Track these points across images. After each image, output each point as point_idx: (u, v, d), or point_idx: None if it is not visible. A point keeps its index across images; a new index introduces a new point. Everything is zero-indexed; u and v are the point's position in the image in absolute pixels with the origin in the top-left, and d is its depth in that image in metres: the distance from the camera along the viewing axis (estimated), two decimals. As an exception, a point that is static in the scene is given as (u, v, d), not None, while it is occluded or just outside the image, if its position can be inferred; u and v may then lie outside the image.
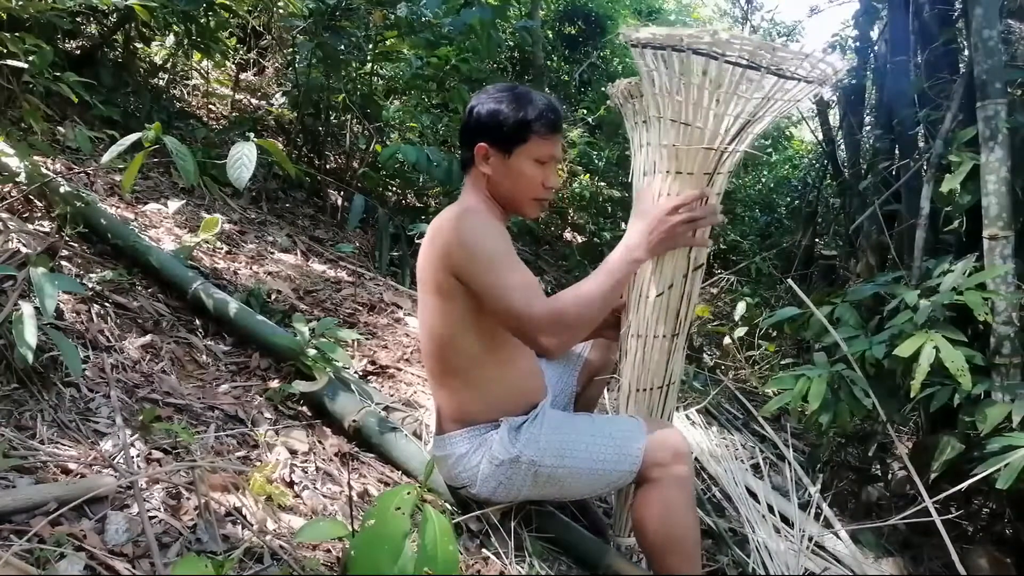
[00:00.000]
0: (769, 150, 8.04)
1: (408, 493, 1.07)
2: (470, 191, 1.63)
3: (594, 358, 1.94)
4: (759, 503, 2.11)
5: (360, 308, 2.88)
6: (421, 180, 4.36)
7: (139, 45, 4.28)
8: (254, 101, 5.06)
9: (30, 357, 1.48)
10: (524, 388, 1.66)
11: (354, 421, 1.92)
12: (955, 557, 1.76)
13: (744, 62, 1.35)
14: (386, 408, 2.03)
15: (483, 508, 1.70)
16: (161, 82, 4.42)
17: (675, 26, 1.56)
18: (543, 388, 1.74)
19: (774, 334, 4.08)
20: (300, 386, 1.97)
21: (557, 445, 1.55)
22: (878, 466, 2.73)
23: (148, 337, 2.01)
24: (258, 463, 1.65)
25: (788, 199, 7.01)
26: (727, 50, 1.33)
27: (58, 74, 2.45)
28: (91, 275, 2.12)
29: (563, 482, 1.57)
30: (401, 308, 3.02)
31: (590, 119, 5.85)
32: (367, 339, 2.60)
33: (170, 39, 4.26)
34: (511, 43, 4.98)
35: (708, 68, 1.36)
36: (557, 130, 1.57)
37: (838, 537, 2.07)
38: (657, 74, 1.43)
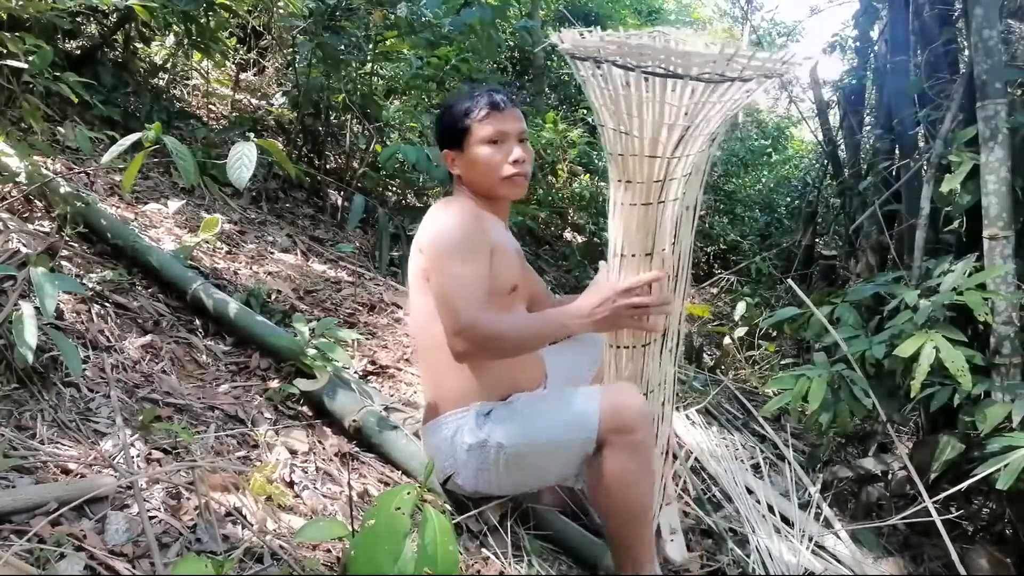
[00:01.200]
0: (769, 150, 8.04)
1: (408, 493, 1.07)
2: (455, 193, 1.75)
3: None
4: (759, 503, 2.11)
5: (360, 308, 2.88)
6: (421, 180, 4.36)
7: (139, 45, 4.28)
8: (254, 101, 5.06)
9: (30, 357, 1.48)
10: (509, 376, 1.66)
11: (354, 420, 1.92)
12: (955, 557, 1.76)
13: (661, 71, 1.30)
14: (386, 408, 2.03)
15: (481, 507, 1.70)
16: (161, 82, 4.42)
17: (638, 28, 1.53)
18: (538, 376, 1.74)
19: (774, 334, 4.08)
20: (301, 384, 1.97)
21: (520, 425, 1.57)
22: (878, 466, 2.73)
23: (148, 337, 2.01)
24: (258, 463, 1.65)
25: (788, 199, 7.02)
26: (639, 59, 1.31)
27: (58, 74, 2.45)
28: (91, 275, 2.12)
29: (531, 463, 1.58)
30: (401, 308, 3.02)
31: (590, 119, 5.85)
32: (367, 339, 2.60)
33: (170, 39, 4.26)
34: (511, 43, 4.98)
35: (627, 78, 1.32)
36: (496, 108, 1.63)
37: (838, 537, 2.07)
38: (593, 82, 1.38)
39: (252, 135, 1.98)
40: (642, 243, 1.47)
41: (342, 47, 3.77)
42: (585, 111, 6.17)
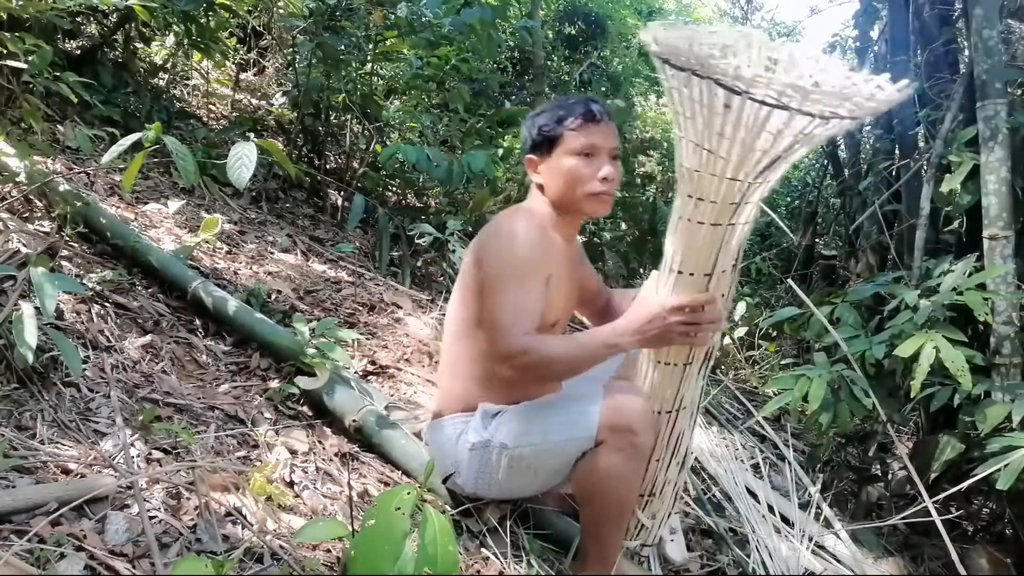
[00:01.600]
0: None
1: (408, 493, 1.07)
2: (528, 200, 1.67)
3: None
4: (759, 503, 2.11)
5: (360, 308, 2.88)
6: (421, 180, 4.35)
7: (139, 45, 4.28)
8: (254, 101, 5.06)
9: (30, 357, 1.48)
10: (530, 393, 1.64)
11: (354, 420, 1.92)
12: (955, 557, 1.76)
13: (772, 101, 1.16)
14: (387, 407, 2.03)
15: (480, 507, 1.70)
16: (161, 82, 4.42)
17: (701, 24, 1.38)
18: (556, 387, 1.72)
19: (774, 334, 4.08)
20: (302, 383, 1.97)
21: (524, 426, 1.55)
22: (878, 466, 2.73)
23: (148, 337, 2.01)
24: (258, 463, 1.65)
25: (788, 199, 7.01)
26: (752, 88, 1.16)
27: (58, 74, 2.45)
28: (91, 275, 2.12)
29: (532, 465, 1.56)
30: (401, 308, 3.02)
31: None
32: (367, 339, 2.60)
33: (170, 39, 4.26)
34: (511, 43, 4.97)
35: (730, 101, 1.20)
36: (592, 120, 1.55)
37: (838, 537, 2.07)
38: (677, 92, 1.27)
39: (252, 135, 1.98)
40: (703, 263, 1.39)
41: (342, 47, 3.77)
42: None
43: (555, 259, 1.58)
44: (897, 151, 3.56)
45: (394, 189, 4.58)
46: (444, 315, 3.07)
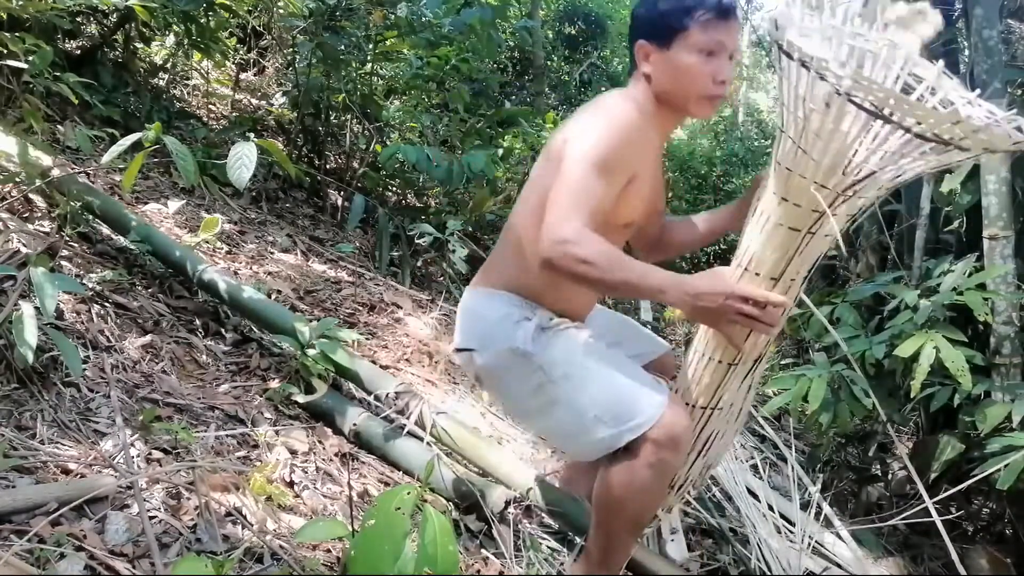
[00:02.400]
0: (769, 150, 8.03)
1: (408, 493, 1.07)
2: (631, 88, 1.50)
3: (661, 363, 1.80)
4: (759, 502, 2.11)
5: (360, 308, 2.88)
6: (421, 180, 4.36)
7: (139, 45, 4.28)
8: (254, 101, 5.06)
9: (30, 357, 1.48)
10: (570, 294, 1.54)
11: (354, 425, 1.92)
12: (955, 557, 1.76)
13: (874, 109, 1.11)
14: (398, 395, 2.00)
15: (483, 492, 1.70)
16: (161, 82, 4.42)
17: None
18: (587, 308, 1.63)
19: (774, 334, 4.07)
20: (300, 398, 1.97)
21: (573, 365, 1.43)
22: (878, 466, 2.73)
23: (148, 337, 2.01)
24: (258, 463, 1.65)
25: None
26: (854, 90, 1.11)
27: (58, 74, 2.45)
28: (91, 275, 2.12)
29: (556, 410, 1.44)
30: (401, 308, 3.02)
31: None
32: (367, 339, 2.60)
33: (170, 39, 4.26)
34: (511, 43, 4.98)
35: (831, 99, 1.14)
36: (725, 16, 1.40)
37: (839, 537, 2.07)
38: (785, 80, 1.22)
39: (252, 135, 1.98)
40: (774, 266, 1.35)
41: (342, 47, 3.77)
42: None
43: (646, 158, 1.46)
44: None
45: (394, 189, 4.58)
46: (444, 315, 3.09)
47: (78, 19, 3.73)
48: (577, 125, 1.43)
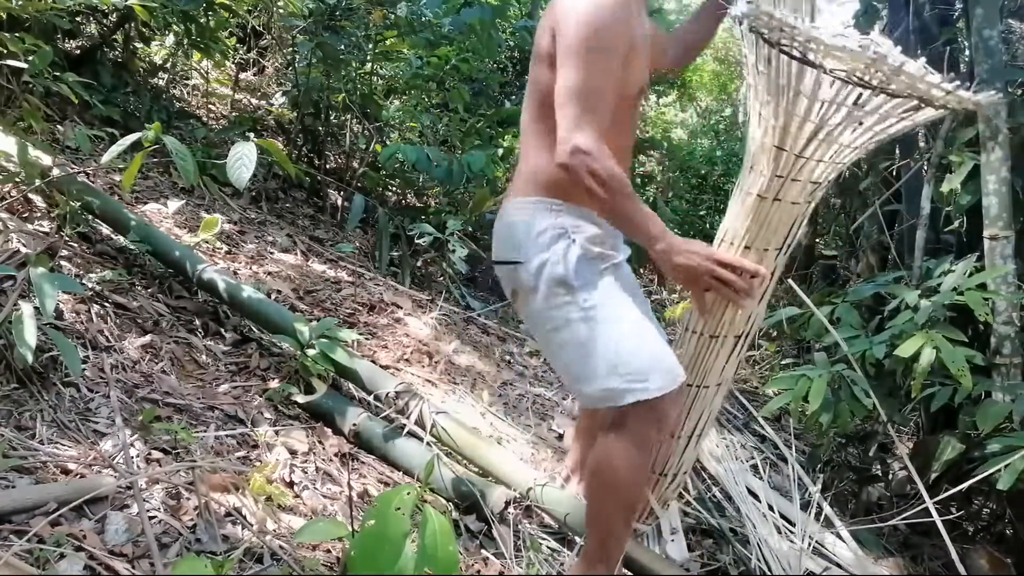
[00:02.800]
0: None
1: (408, 493, 1.07)
2: None
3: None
4: (759, 502, 2.11)
5: (360, 308, 2.88)
6: (421, 180, 4.35)
7: (139, 45, 4.27)
8: (254, 101, 5.06)
9: (30, 357, 1.48)
10: (571, 195, 1.50)
11: (354, 425, 1.92)
12: (955, 557, 1.76)
13: (794, 52, 1.21)
14: (398, 394, 2.00)
15: (484, 492, 1.70)
16: (161, 82, 4.41)
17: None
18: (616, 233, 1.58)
19: (774, 334, 4.08)
20: (299, 398, 1.97)
21: (609, 308, 1.42)
22: (878, 466, 2.73)
23: (148, 337, 2.00)
24: (258, 463, 1.65)
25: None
26: (785, 41, 1.20)
27: (58, 74, 2.45)
28: (91, 275, 2.12)
29: (577, 346, 1.43)
30: (401, 308, 3.02)
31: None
32: (367, 339, 2.60)
33: (170, 39, 4.25)
34: (511, 43, 4.97)
35: (771, 56, 1.27)
36: None
37: (839, 537, 2.07)
38: (747, 58, 1.37)
39: (252, 135, 1.98)
40: (746, 234, 1.42)
41: (342, 47, 3.77)
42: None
43: (638, 24, 1.44)
44: (897, 151, 3.56)
45: (394, 189, 4.58)
46: (444, 315, 3.09)
47: (78, 19, 3.73)
48: (561, 15, 1.39)
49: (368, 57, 4.03)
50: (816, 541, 2.00)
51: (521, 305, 1.54)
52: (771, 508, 2.06)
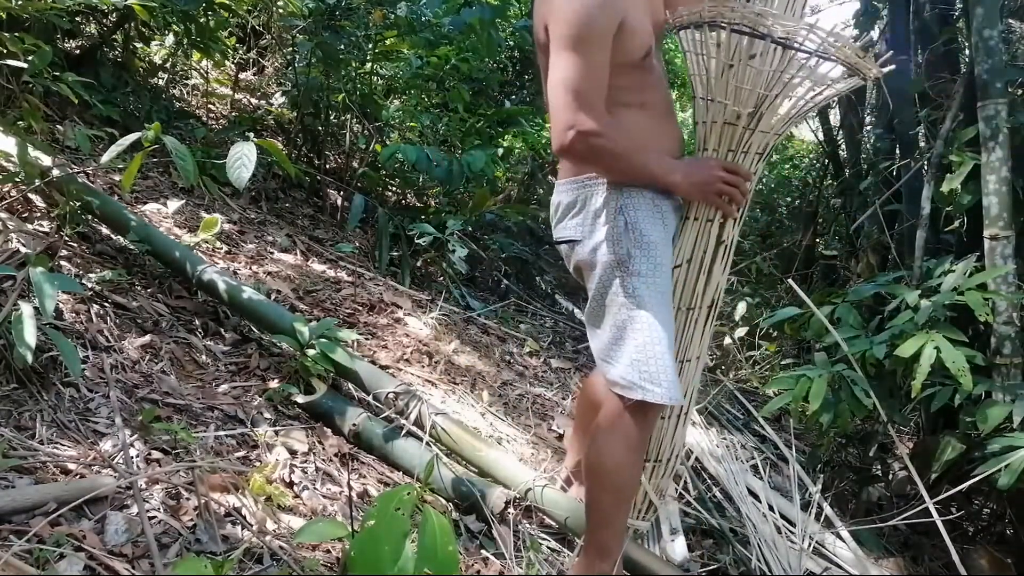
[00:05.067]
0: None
1: (408, 493, 1.07)
2: None
3: None
4: (759, 503, 2.11)
5: (360, 308, 2.88)
6: (421, 180, 4.35)
7: (139, 45, 4.27)
8: (254, 101, 5.05)
9: (29, 357, 1.47)
10: (660, 131, 1.58)
11: (354, 425, 1.92)
12: (955, 557, 1.76)
13: (747, 30, 1.39)
14: (397, 395, 2.00)
15: (484, 493, 1.69)
16: (161, 82, 4.41)
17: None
18: (679, 144, 1.63)
19: (774, 334, 4.08)
20: (299, 398, 1.97)
21: (648, 308, 1.47)
22: (879, 466, 2.73)
23: (148, 337, 2.00)
24: (258, 463, 1.65)
25: (788, 199, 7.00)
26: (743, 22, 1.40)
27: (57, 74, 2.45)
28: (91, 275, 2.11)
29: (613, 330, 1.50)
30: (401, 308, 3.02)
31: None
32: (367, 339, 2.60)
33: (170, 39, 4.25)
34: (511, 43, 4.97)
35: (719, 38, 1.45)
36: None
37: (839, 537, 2.07)
38: (690, 55, 1.55)
39: (252, 135, 1.97)
40: (702, 209, 1.57)
41: (342, 47, 3.76)
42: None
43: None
44: (897, 151, 3.55)
45: (394, 189, 4.58)
46: (444, 315, 3.09)
47: (77, 19, 3.73)
48: (551, 6, 1.42)
49: (368, 57, 4.03)
50: (816, 541, 2.00)
51: (586, 281, 1.60)
52: (771, 508, 2.06)
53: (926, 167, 2.88)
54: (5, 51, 2.26)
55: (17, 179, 2.22)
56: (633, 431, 1.48)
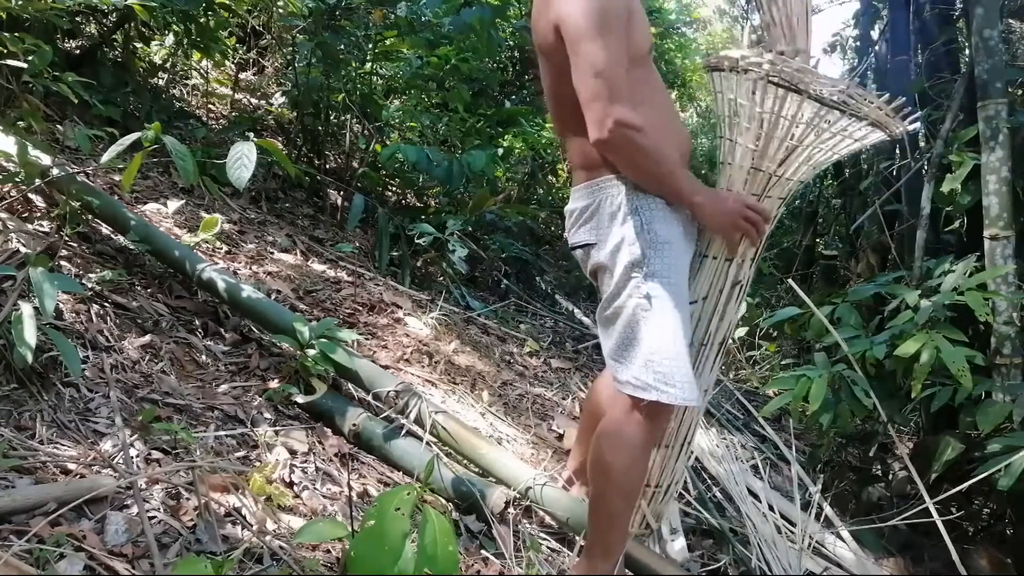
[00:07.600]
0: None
1: (408, 493, 1.07)
2: None
3: None
4: (759, 503, 2.11)
5: (360, 308, 2.88)
6: (421, 180, 4.35)
7: (139, 45, 4.27)
8: (254, 101, 5.06)
9: (29, 357, 1.47)
10: (672, 129, 1.58)
11: (354, 425, 1.92)
12: (956, 557, 1.76)
13: (783, 83, 1.44)
14: (398, 393, 2.00)
15: (484, 492, 1.69)
16: (161, 82, 4.41)
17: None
18: (688, 145, 1.65)
19: (775, 334, 4.08)
20: (300, 398, 1.97)
21: (663, 312, 1.46)
22: (879, 466, 2.73)
23: (148, 337, 2.00)
24: (258, 463, 1.65)
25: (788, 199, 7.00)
26: (774, 72, 1.45)
27: (57, 74, 2.45)
28: (91, 275, 2.11)
29: (624, 329, 1.49)
30: (401, 308, 3.02)
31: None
32: (367, 339, 2.60)
33: (169, 39, 4.25)
34: (511, 43, 4.97)
35: (754, 87, 1.49)
36: None
37: (839, 537, 2.07)
38: (720, 96, 1.59)
39: (252, 135, 1.97)
40: (720, 247, 1.60)
41: (342, 47, 3.77)
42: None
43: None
44: (897, 151, 3.56)
45: (394, 189, 4.58)
46: (444, 315, 3.09)
47: (77, 19, 3.73)
48: (559, 9, 1.42)
49: (368, 57, 4.03)
50: (816, 541, 2.00)
51: (602, 284, 1.59)
52: (771, 508, 2.06)
53: (926, 167, 2.88)
54: (5, 51, 2.26)
55: (17, 179, 2.21)
56: (643, 433, 1.48)
